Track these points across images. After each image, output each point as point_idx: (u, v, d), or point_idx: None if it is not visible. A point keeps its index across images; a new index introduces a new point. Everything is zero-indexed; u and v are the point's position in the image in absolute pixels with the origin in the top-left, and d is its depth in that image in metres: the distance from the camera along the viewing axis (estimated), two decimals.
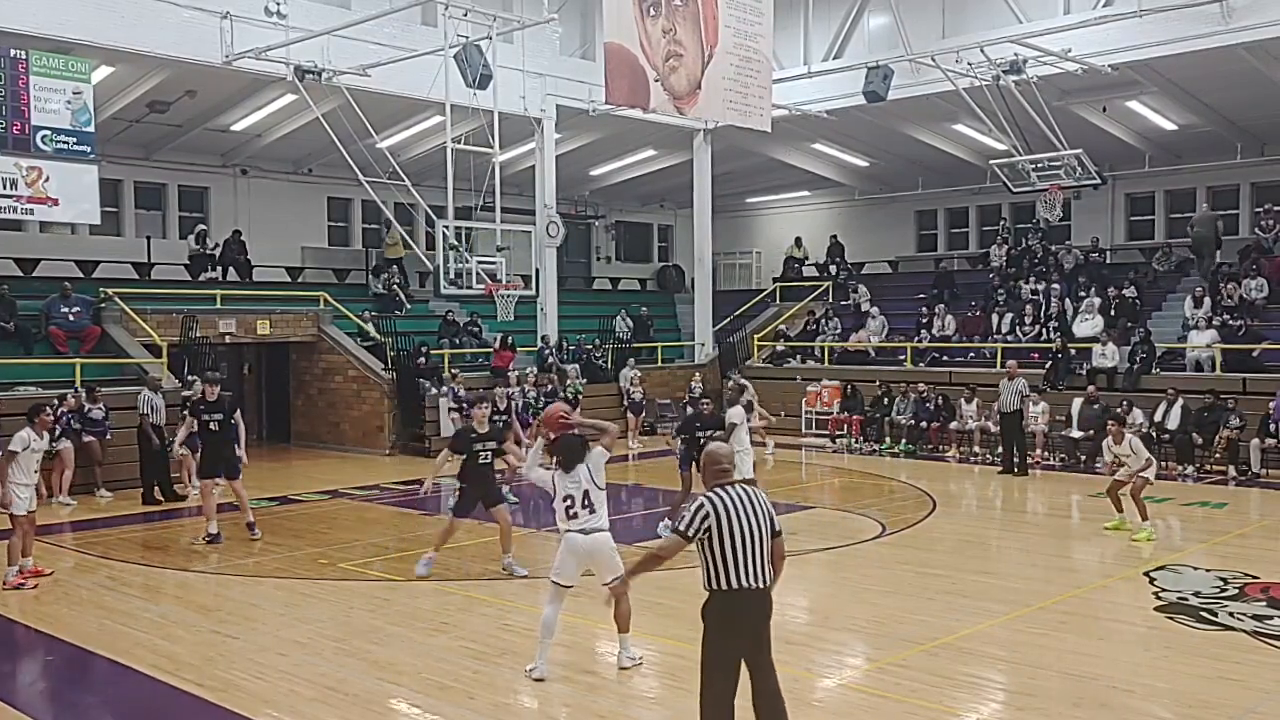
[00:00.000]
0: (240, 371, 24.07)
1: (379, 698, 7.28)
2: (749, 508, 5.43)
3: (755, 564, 5.40)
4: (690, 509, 5.49)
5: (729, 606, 5.41)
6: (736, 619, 5.42)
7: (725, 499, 5.42)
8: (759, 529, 5.42)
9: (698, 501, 5.49)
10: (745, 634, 5.46)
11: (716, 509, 5.38)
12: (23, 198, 15.95)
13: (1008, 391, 17.33)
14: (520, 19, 18.81)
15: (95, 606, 9.74)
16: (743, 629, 5.45)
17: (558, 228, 22.38)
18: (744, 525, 5.39)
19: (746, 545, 5.38)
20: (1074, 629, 8.72)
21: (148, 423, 15.27)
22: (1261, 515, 14.33)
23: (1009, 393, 17.31)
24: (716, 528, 5.36)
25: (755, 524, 5.41)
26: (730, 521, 5.37)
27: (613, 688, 7.51)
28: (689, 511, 5.47)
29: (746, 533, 5.38)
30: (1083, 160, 19.62)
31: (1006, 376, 17.53)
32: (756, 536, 5.41)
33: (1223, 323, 19.34)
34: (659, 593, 10.19)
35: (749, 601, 5.42)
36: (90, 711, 7.48)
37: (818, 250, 28.88)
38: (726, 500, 5.41)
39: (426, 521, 14.17)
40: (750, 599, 5.42)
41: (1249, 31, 17.80)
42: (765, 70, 19.65)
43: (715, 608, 5.45)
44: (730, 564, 5.37)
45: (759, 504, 5.49)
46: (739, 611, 5.42)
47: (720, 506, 5.39)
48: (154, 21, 17.16)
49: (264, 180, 24.55)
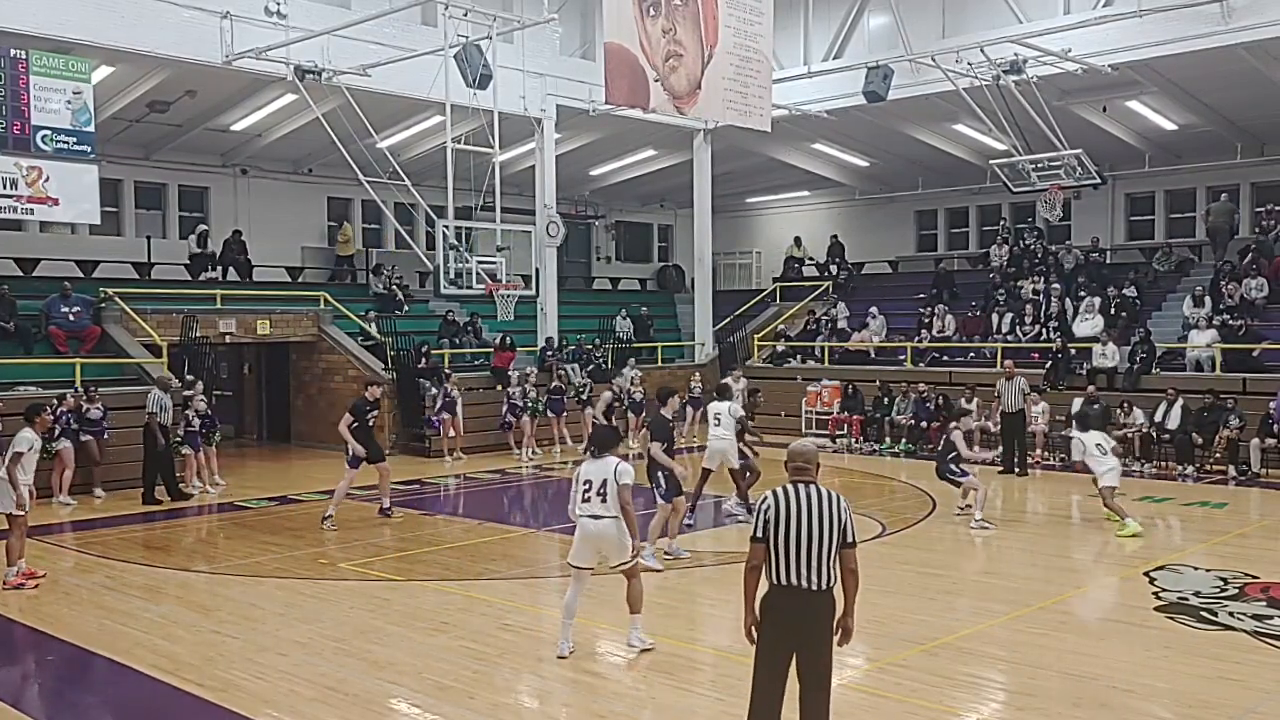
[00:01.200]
0: (240, 371, 24.09)
1: (379, 698, 7.28)
2: (814, 509, 5.43)
3: (809, 564, 5.39)
4: (757, 506, 5.58)
5: (776, 601, 5.47)
6: (781, 614, 5.47)
7: (789, 495, 5.47)
8: (820, 531, 5.40)
9: (763, 495, 5.58)
10: (790, 631, 5.47)
11: (777, 503, 5.46)
12: (23, 198, 15.96)
13: (1009, 392, 17.32)
14: (520, 19, 18.81)
15: (95, 606, 9.74)
16: (787, 625, 5.46)
17: (558, 228, 22.38)
18: (802, 524, 5.40)
19: (801, 544, 5.39)
20: (1074, 629, 8.73)
21: (155, 422, 15.21)
22: (1261, 515, 14.33)
23: (1010, 393, 17.31)
24: (775, 521, 5.43)
25: (816, 525, 5.40)
26: (789, 518, 5.41)
27: (613, 688, 7.51)
28: (756, 510, 5.56)
29: (804, 532, 5.39)
30: (1083, 160, 19.63)
31: (1005, 377, 17.52)
32: (815, 538, 5.39)
33: (1223, 323, 19.34)
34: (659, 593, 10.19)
35: (797, 600, 5.42)
36: (90, 711, 7.48)
37: (818, 250, 28.89)
38: (790, 496, 5.46)
39: (426, 521, 14.19)
40: (798, 597, 5.42)
41: (1249, 31, 17.80)
42: (765, 70, 19.65)
43: (767, 600, 5.52)
44: (782, 559, 5.42)
45: (828, 508, 5.45)
46: (785, 607, 5.45)
47: (781, 501, 5.46)
48: (154, 21, 17.16)
49: (264, 180, 24.54)
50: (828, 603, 5.48)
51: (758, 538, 5.49)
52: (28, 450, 10.30)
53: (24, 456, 10.26)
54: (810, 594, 5.41)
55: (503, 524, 13.94)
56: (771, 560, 5.46)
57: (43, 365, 17.05)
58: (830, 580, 5.45)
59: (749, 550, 5.56)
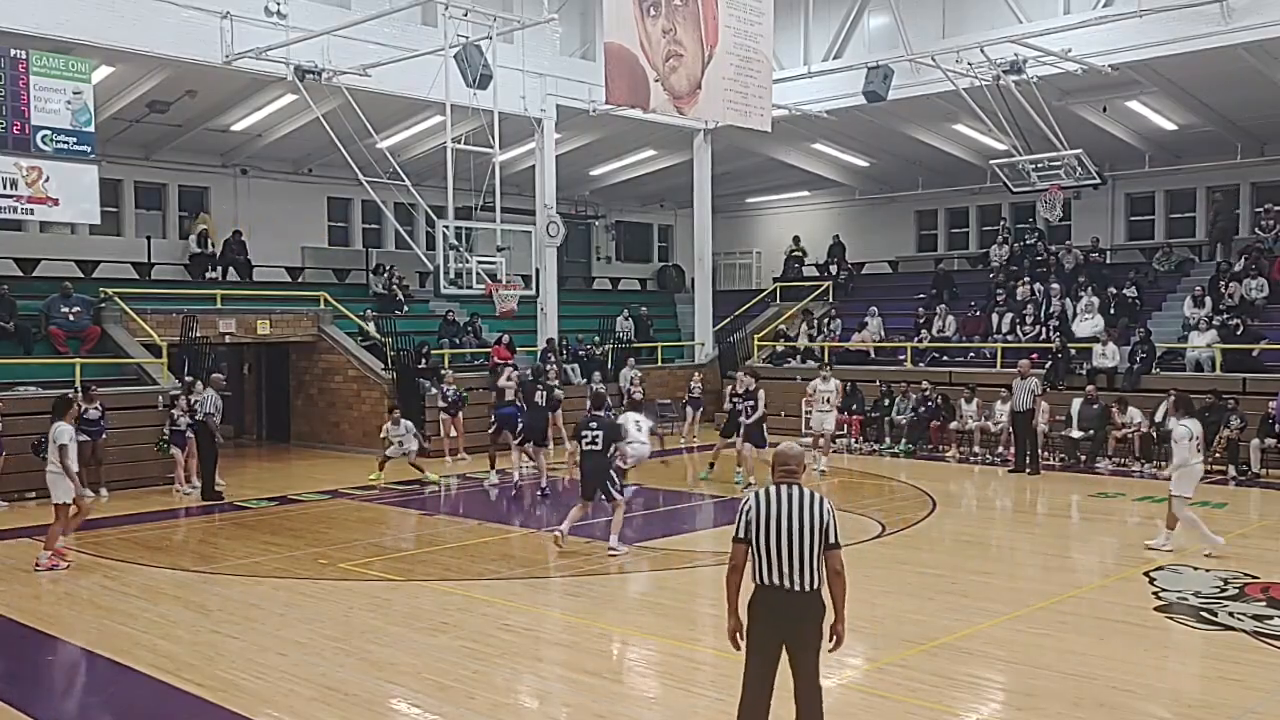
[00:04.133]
0: (240, 371, 24.09)
1: (379, 698, 7.28)
2: (794, 509, 5.44)
3: (790, 564, 5.40)
4: (740, 506, 5.62)
5: (761, 600, 5.50)
6: (767, 613, 5.49)
7: (770, 496, 5.49)
8: (801, 532, 5.40)
9: (745, 496, 5.63)
10: (775, 630, 5.49)
11: (758, 504, 5.49)
12: (23, 198, 15.95)
13: (1021, 391, 17.31)
14: (520, 19, 18.81)
15: (95, 606, 9.75)
16: (773, 624, 5.48)
17: (558, 228, 22.37)
18: (782, 524, 5.41)
19: (782, 544, 5.41)
20: (1074, 629, 8.72)
21: (213, 422, 15.47)
22: (1261, 515, 14.32)
23: (1022, 392, 17.29)
24: (756, 522, 5.46)
25: (797, 526, 5.41)
26: (769, 519, 5.43)
27: (613, 688, 7.51)
28: (739, 511, 5.60)
29: (784, 532, 5.40)
30: (1083, 160, 19.63)
31: (1019, 375, 17.52)
32: (796, 539, 5.40)
33: (1223, 323, 19.34)
34: (659, 592, 10.21)
35: (781, 600, 5.44)
36: (90, 711, 7.49)
37: (818, 250, 28.88)
38: (772, 497, 5.48)
39: (426, 521, 14.20)
40: (780, 597, 5.44)
41: (1249, 31, 17.79)
42: (765, 70, 19.65)
43: (753, 600, 5.54)
44: (764, 559, 5.45)
45: (809, 509, 5.45)
46: (770, 606, 5.48)
47: (762, 502, 5.48)
48: (154, 21, 17.15)
49: (264, 180, 24.53)
50: (813, 604, 5.48)
51: (739, 538, 5.52)
52: (68, 441, 10.95)
53: (67, 448, 10.91)
54: (794, 595, 5.42)
55: (503, 524, 13.94)
56: (755, 560, 5.49)
57: (43, 365, 17.05)
58: (815, 582, 5.45)
59: (730, 551, 5.59)
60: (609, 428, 11.72)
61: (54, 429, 11.07)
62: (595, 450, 11.54)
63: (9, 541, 12.59)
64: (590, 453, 11.57)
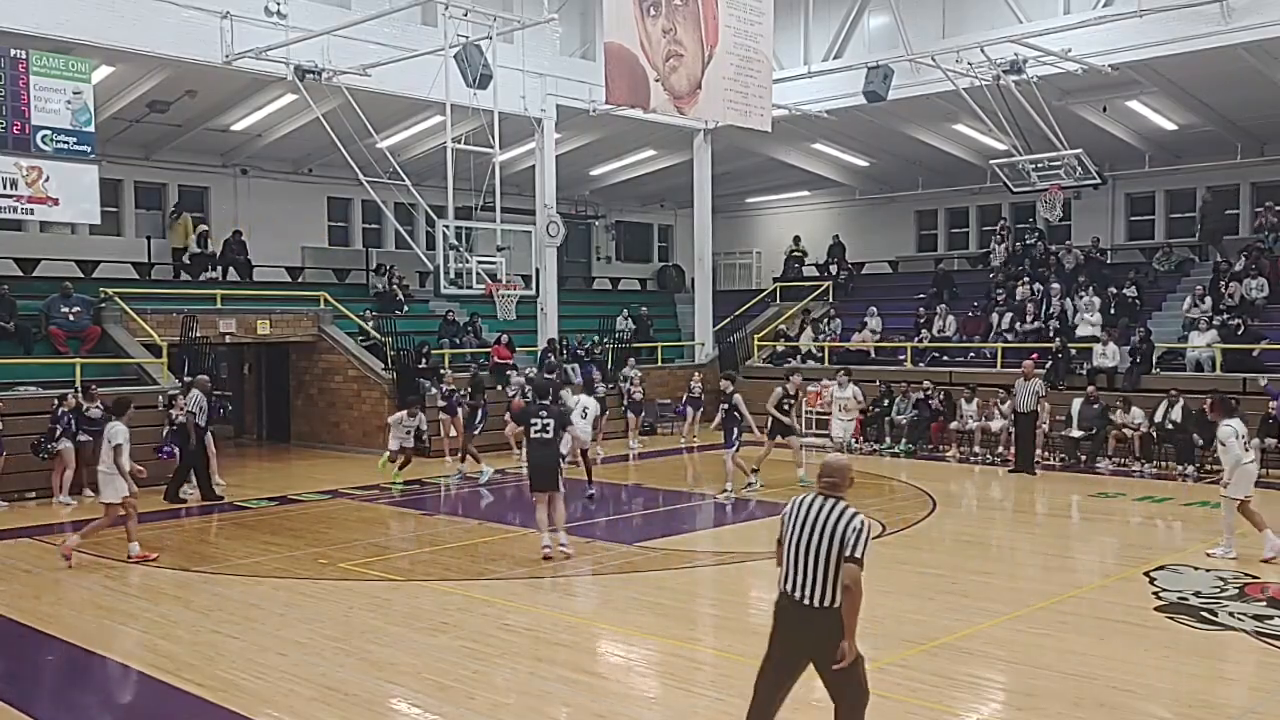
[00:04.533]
0: (240, 371, 24.09)
1: (379, 698, 7.28)
2: (814, 520, 5.32)
3: (802, 576, 5.29)
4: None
5: (779, 606, 5.47)
6: (781, 621, 5.45)
7: (799, 504, 5.46)
8: (816, 544, 5.26)
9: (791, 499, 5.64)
10: (788, 639, 5.41)
11: (787, 511, 5.50)
12: (23, 198, 15.95)
13: (1024, 391, 17.29)
14: (520, 19, 18.80)
15: (95, 606, 9.74)
16: (786, 632, 5.42)
17: (558, 228, 22.37)
18: (799, 535, 5.34)
19: (797, 555, 5.34)
20: (1074, 629, 8.72)
21: (194, 422, 15.38)
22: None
23: (1025, 392, 17.27)
24: (784, 525, 5.49)
25: (813, 537, 5.28)
26: (791, 527, 5.42)
27: (613, 688, 7.51)
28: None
29: (800, 543, 5.32)
30: (1083, 160, 19.62)
31: (1022, 376, 17.50)
32: (809, 550, 5.28)
33: (1223, 323, 19.33)
34: (659, 593, 10.20)
35: (792, 610, 5.36)
36: (90, 711, 7.48)
37: (818, 250, 28.88)
38: (800, 506, 5.45)
39: (426, 521, 14.19)
40: (793, 608, 5.35)
41: (1249, 31, 17.79)
42: (765, 70, 19.65)
43: (775, 603, 5.52)
44: (783, 566, 5.45)
45: (831, 521, 5.27)
46: (784, 615, 5.43)
47: (790, 510, 5.49)
48: (154, 21, 17.15)
49: (264, 180, 24.53)
50: (826, 621, 5.25)
51: (778, 539, 5.56)
52: (124, 440, 11.07)
53: (123, 447, 11.04)
54: (805, 609, 5.28)
55: (503, 524, 13.93)
56: (781, 566, 5.48)
57: (43, 365, 17.04)
58: (830, 599, 5.24)
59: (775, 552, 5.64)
60: (559, 416, 11.45)
61: (109, 429, 11.21)
62: (545, 439, 11.25)
63: (9, 541, 12.60)
64: (539, 441, 11.24)
